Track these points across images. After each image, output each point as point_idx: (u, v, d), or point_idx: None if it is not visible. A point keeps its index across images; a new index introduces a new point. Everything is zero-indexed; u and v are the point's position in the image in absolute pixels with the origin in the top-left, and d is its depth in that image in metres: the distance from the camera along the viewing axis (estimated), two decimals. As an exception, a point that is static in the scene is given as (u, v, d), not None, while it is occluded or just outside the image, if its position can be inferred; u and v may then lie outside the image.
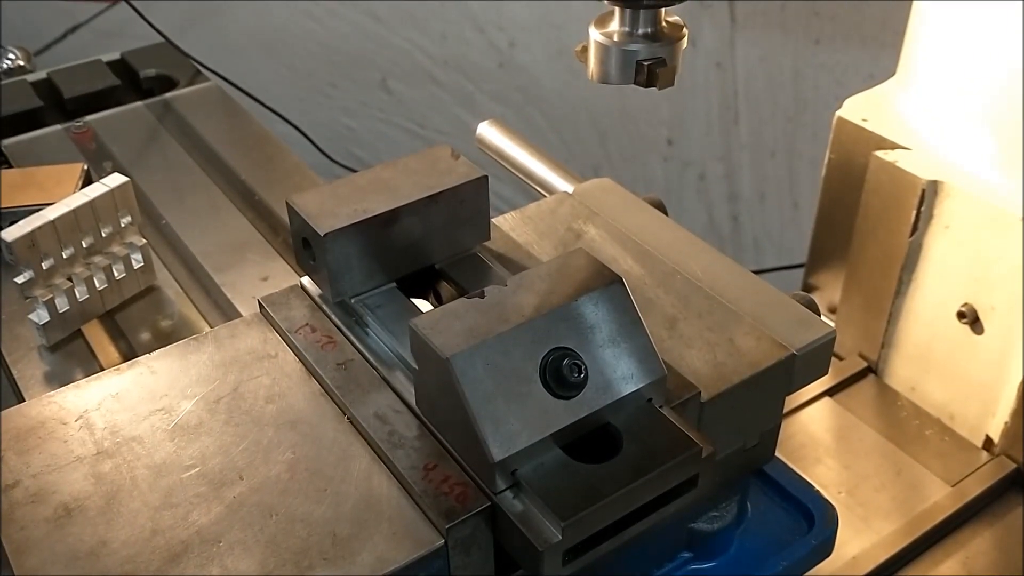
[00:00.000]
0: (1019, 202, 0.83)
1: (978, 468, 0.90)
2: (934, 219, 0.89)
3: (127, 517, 0.55)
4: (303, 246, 0.67)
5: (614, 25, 0.64)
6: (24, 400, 0.79)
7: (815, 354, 0.66)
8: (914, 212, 0.89)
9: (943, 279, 0.90)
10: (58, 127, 1.22)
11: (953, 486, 0.89)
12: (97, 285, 0.93)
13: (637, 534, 0.56)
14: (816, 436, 0.94)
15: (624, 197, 0.81)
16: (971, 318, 0.88)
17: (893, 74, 0.98)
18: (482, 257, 0.72)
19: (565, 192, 0.82)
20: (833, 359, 0.82)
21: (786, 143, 2.02)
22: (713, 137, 2.06)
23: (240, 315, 0.91)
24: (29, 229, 0.86)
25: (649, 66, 0.63)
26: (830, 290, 1.05)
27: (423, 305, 0.69)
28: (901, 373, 0.98)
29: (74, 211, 0.88)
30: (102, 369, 0.81)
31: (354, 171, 0.89)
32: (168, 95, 1.29)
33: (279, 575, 0.51)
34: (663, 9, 0.63)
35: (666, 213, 0.81)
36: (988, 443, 0.92)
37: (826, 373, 0.69)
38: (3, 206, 0.98)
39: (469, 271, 0.71)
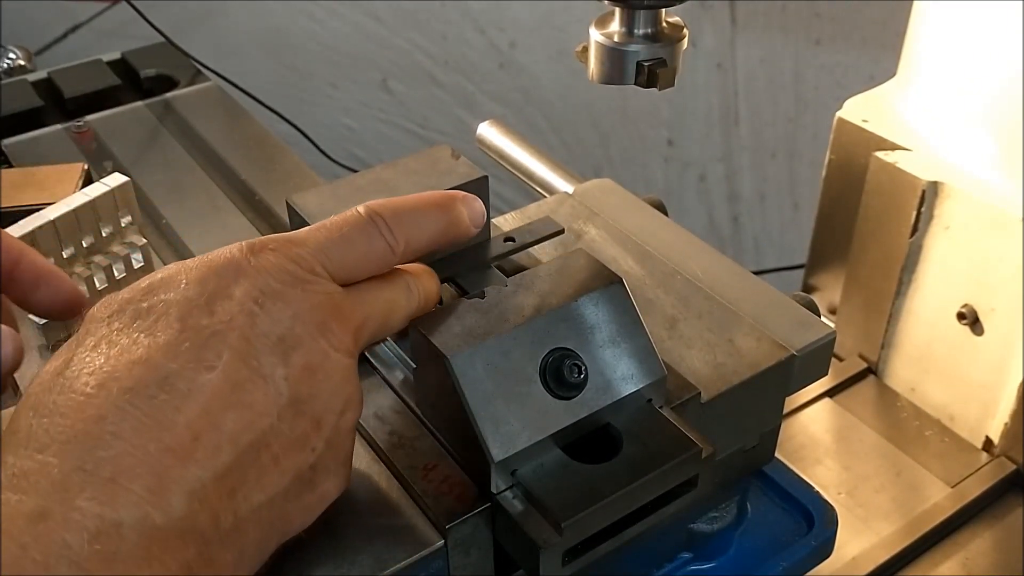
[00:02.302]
0: (1019, 203, 0.83)
1: (978, 469, 0.90)
2: (934, 220, 0.89)
3: (127, 517, 0.55)
4: (303, 246, 0.67)
5: (614, 26, 0.64)
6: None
7: (815, 355, 0.66)
8: (914, 213, 0.89)
9: (943, 280, 0.90)
10: (58, 127, 1.21)
11: (953, 487, 0.89)
12: (97, 285, 0.93)
13: (636, 534, 0.56)
14: (816, 437, 0.94)
15: (624, 197, 0.81)
16: (971, 319, 0.88)
17: (893, 75, 0.98)
18: (482, 257, 0.72)
19: (565, 192, 0.82)
20: (833, 360, 0.82)
21: (786, 144, 2.02)
22: (713, 138, 2.06)
23: (240, 315, 0.91)
24: (29, 229, 0.85)
25: (649, 67, 0.63)
26: (830, 291, 1.05)
27: (423, 305, 0.69)
28: (901, 374, 0.98)
29: (74, 211, 0.88)
30: (102, 369, 0.81)
31: (354, 171, 0.89)
32: (168, 95, 1.29)
33: None
34: (663, 10, 0.63)
35: (666, 214, 0.81)
36: (988, 444, 0.92)
37: (826, 374, 0.69)
38: (3, 206, 0.98)
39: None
